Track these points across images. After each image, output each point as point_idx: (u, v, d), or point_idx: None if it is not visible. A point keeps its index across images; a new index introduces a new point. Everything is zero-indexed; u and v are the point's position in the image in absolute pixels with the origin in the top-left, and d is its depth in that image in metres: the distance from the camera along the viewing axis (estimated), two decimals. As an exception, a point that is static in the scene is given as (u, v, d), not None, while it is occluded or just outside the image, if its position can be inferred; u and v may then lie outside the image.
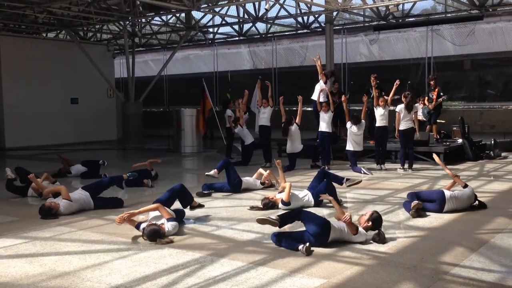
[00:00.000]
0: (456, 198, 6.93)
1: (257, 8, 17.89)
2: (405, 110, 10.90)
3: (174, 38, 23.22)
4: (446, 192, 6.98)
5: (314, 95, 12.39)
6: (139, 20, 20.25)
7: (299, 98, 11.42)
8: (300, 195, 7.44)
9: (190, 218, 6.79)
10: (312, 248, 5.19)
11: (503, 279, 4.45)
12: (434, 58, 17.93)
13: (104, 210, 7.42)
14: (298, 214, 5.63)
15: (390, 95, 11.33)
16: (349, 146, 11.11)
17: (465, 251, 5.22)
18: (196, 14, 19.57)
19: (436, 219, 6.59)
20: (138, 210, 6.10)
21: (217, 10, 17.52)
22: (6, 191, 8.77)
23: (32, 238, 6.00)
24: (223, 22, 20.44)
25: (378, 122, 11.29)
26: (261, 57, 22.43)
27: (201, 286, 4.37)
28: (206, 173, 8.47)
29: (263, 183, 9.03)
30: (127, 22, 18.64)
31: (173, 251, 5.35)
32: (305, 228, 5.51)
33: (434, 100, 13.21)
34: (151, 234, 5.67)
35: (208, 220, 6.79)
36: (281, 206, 7.24)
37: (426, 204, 6.95)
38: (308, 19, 19.11)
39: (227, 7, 18.74)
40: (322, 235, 5.40)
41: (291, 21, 19.67)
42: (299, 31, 20.16)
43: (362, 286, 4.32)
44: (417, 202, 6.73)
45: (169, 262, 4.99)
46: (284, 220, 5.58)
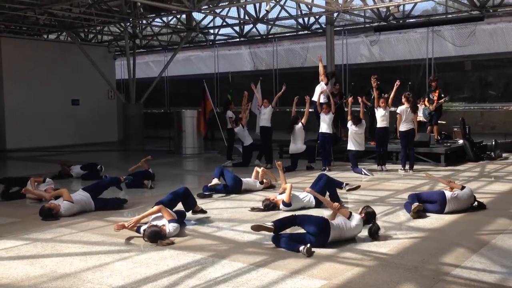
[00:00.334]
0: (456, 199, 6.94)
1: (257, 9, 17.89)
2: (407, 112, 10.89)
3: (174, 39, 23.23)
4: (447, 193, 6.98)
5: (315, 97, 12.40)
6: (140, 21, 20.27)
7: (307, 98, 11.52)
8: (300, 196, 7.44)
9: (191, 220, 6.80)
10: (312, 249, 5.20)
11: (504, 280, 4.45)
12: (435, 59, 17.92)
13: (105, 212, 7.43)
14: (293, 219, 5.59)
15: (391, 96, 11.33)
16: (350, 146, 11.09)
17: (466, 252, 5.22)
18: (196, 16, 19.56)
19: (437, 220, 6.59)
20: (141, 216, 6.06)
21: (217, 11, 17.51)
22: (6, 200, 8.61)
23: (33, 239, 6.01)
24: (224, 24, 20.45)
25: (379, 123, 11.28)
26: (261, 58, 22.43)
27: (202, 288, 4.38)
28: (209, 185, 8.52)
29: (262, 182, 9.05)
30: (128, 24, 18.65)
31: (174, 253, 5.35)
32: (304, 230, 5.51)
33: (435, 101, 13.20)
34: (152, 236, 5.68)
35: (209, 221, 6.79)
36: (282, 207, 7.24)
37: (427, 205, 6.96)
38: (308, 20, 19.11)
39: (228, 9, 18.74)
40: (322, 234, 5.41)
41: (292, 22, 19.66)
42: (300, 32, 20.15)
43: (363, 287, 4.33)
44: (417, 204, 6.73)
45: (170, 264, 4.99)
46: (279, 226, 5.52)
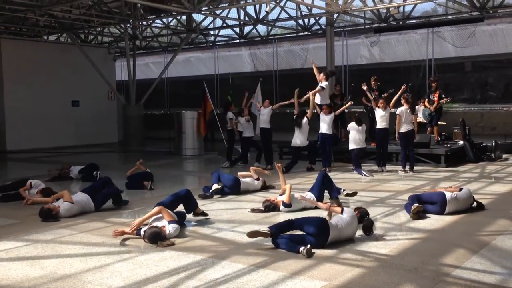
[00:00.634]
0: (456, 199, 6.95)
1: (257, 10, 17.91)
2: (406, 113, 10.90)
3: (175, 40, 23.22)
4: (447, 193, 6.98)
5: (317, 99, 12.34)
6: (140, 22, 20.28)
7: (310, 93, 11.53)
8: (297, 200, 7.43)
9: (191, 221, 6.79)
10: (312, 250, 5.19)
11: (504, 281, 4.44)
12: (435, 60, 17.91)
13: (105, 213, 7.43)
14: (290, 224, 5.57)
15: (395, 98, 11.34)
16: (352, 146, 11.04)
17: (466, 253, 5.22)
18: (197, 17, 19.57)
19: (437, 221, 6.59)
20: (142, 218, 6.04)
21: (218, 12, 17.51)
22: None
23: (33, 240, 6.00)
24: (224, 25, 20.44)
25: (379, 124, 11.28)
26: (262, 59, 22.41)
27: (202, 289, 4.37)
28: (210, 191, 8.53)
29: (258, 179, 9.11)
30: (128, 25, 18.65)
31: (174, 254, 5.35)
32: (303, 232, 5.49)
33: (436, 102, 13.19)
34: (152, 237, 5.67)
35: (209, 222, 6.78)
36: (282, 208, 7.23)
37: (428, 206, 6.96)
38: (308, 22, 19.11)
39: (228, 10, 18.73)
40: (322, 234, 5.41)
41: (292, 23, 19.66)
42: (300, 34, 20.15)
43: (363, 288, 4.33)
44: (417, 205, 6.73)
45: (170, 265, 4.99)
46: (275, 231, 5.49)
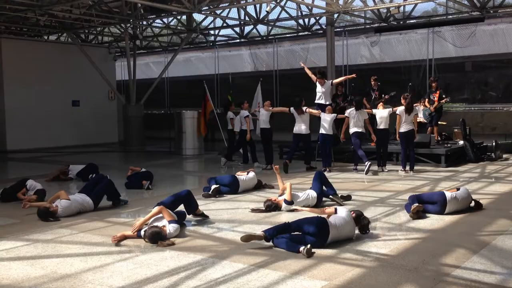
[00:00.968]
0: (456, 199, 6.96)
1: (258, 10, 17.89)
2: (405, 113, 10.90)
3: (175, 40, 23.21)
4: (447, 193, 6.99)
5: (319, 99, 12.30)
6: (140, 22, 20.27)
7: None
8: (300, 195, 7.47)
9: (191, 221, 6.79)
10: (313, 250, 5.19)
11: (505, 281, 4.44)
12: (435, 60, 17.90)
13: (105, 212, 7.44)
14: (288, 226, 5.54)
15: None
16: (353, 129, 11.18)
17: (466, 253, 5.22)
18: (197, 17, 19.56)
19: (437, 221, 6.59)
20: (144, 219, 6.03)
21: (218, 12, 17.51)
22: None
23: (33, 240, 6.01)
24: (224, 25, 20.44)
25: (379, 124, 11.28)
26: (262, 59, 22.41)
27: (202, 288, 4.37)
28: (210, 191, 8.52)
29: (248, 172, 9.23)
30: (128, 25, 18.64)
31: (174, 253, 5.35)
32: (303, 232, 5.48)
33: (436, 102, 13.19)
34: (153, 236, 5.68)
35: (209, 222, 6.78)
36: (284, 206, 7.24)
37: (428, 206, 6.96)
38: (309, 21, 19.10)
39: (228, 10, 18.73)
40: (322, 233, 5.41)
41: (292, 23, 19.65)
42: (300, 33, 20.14)
43: (363, 288, 4.33)
44: (417, 205, 6.74)
45: (170, 264, 4.99)
46: (271, 234, 5.47)
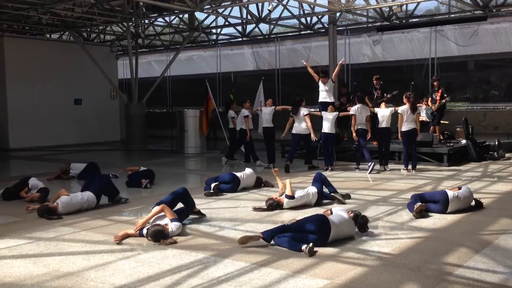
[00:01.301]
0: (458, 198, 6.95)
1: (260, 9, 17.87)
2: (408, 112, 10.89)
3: (177, 39, 23.21)
4: (449, 192, 6.98)
5: (323, 97, 12.28)
6: (142, 21, 20.26)
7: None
8: (300, 193, 7.47)
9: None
10: (315, 248, 5.19)
11: (507, 280, 4.44)
12: (438, 59, 17.87)
13: (107, 211, 7.46)
14: (287, 228, 5.53)
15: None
16: (355, 126, 11.23)
17: (468, 252, 5.21)
18: (199, 15, 19.55)
19: (439, 220, 6.58)
20: (146, 218, 6.04)
21: (220, 11, 17.51)
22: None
23: (35, 238, 6.02)
24: (226, 23, 20.43)
25: (381, 123, 11.27)
26: (264, 58, 22.40)
27: (204, 287, 4.37)
28: (211, 190, 8.54)
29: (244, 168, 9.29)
30: (131, 23, 18.64)
31: (176, 252, 5.35)
32: (304, 231, 5.47)
33: (438, 101, 13.18)
34: (155, 235, 5.68)
35: (211, 220, 6.79)
36: (286, 202, 7.25)
37: (430, 205, 6.96)
38: (311, 20, 19.08)
39: (230, 8, 18.74)
40: (324, 230, 5.42)
41: (294, 22, 19.64)
42: (302, 32, 20.12)
43: (365, 287, 4.32)
44: (420, 204, 6.73)
45: (172, 263, 4.99)
46: (269, 235, 5.46)
